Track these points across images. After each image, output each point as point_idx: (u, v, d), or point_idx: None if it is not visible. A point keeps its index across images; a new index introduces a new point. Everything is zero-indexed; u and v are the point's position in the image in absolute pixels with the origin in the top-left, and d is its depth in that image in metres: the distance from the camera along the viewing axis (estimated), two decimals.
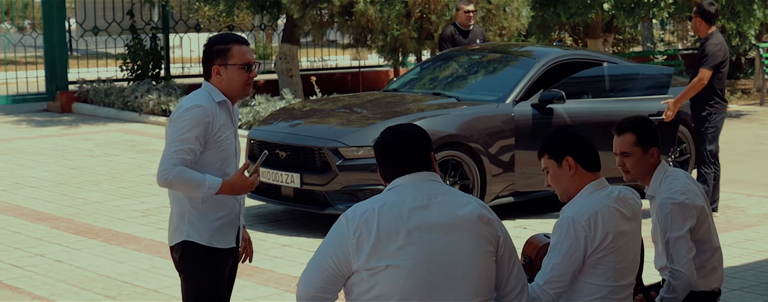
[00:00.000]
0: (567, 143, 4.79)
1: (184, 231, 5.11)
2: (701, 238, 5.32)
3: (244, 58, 5.10)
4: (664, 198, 5.24)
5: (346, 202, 9.47)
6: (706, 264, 5.39)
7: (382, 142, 4.23)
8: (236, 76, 5.08)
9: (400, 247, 3.96)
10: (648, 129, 5.35)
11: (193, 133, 4.96)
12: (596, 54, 12.36)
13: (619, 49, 24.86)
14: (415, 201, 4.05)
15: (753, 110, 19.49)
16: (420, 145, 4.19)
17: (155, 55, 19.41)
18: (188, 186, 4.98)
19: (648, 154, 5.33)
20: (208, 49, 5.14)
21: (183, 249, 5.13)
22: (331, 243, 4.06)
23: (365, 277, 3.98)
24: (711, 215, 5.43)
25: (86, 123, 17.20)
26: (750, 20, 17.73)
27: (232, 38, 5.16)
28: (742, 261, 8.65)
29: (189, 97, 5.11)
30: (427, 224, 4.01)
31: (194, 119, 4.97)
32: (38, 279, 8.18)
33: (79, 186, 11.86)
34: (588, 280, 4.65)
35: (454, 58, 11.88)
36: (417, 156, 4.17)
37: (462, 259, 4.02)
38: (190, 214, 5.10)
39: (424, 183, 4.11)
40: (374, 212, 4.01)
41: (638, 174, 5.37)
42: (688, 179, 5.41)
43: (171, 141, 4.98)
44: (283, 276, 8.28)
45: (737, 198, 11.21)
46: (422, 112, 10.25)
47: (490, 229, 4.11)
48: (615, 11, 17.34)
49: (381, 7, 15.56)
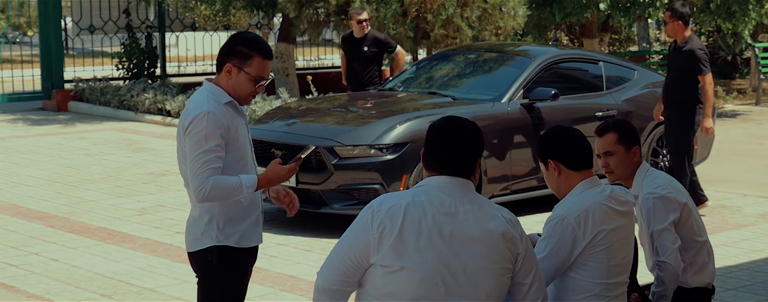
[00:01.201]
0: (548, 145, 4.83)
1: (213, 236, 5.00)
2: (687, 234, 5.35)
3: (261, 72, 4.95)
4: (646, 194, 5.29)
5: (341, 201, 9.48)
6: (696, 260, 5.41)
7: (437, 128, 4.15)
8: (245, 84, 4.95)
9: (418, 250, 3.94)
10: (628, 128, 5.39)
11: (213, 141, 4.84)
12: (592, 53, 12.39)
13: (615, 49, 24.89)
14: (443, 206, 4.01)
15: (749, 110, 19.51)
16: (469, 150, 4.12)
17: (150, 54, 19.41)
18: (228, 194, 4.88)
19: (631, 153, 5.34)
20: (230, 46, 4.98)
21: (214, 253, 5.01)
22: (353, 234, 4.04)
23: (380, 274, 3.97)
24: (695, 210, 5.44)
25: (82, 121, 17.19)
26: (745, 20, 17.75)
27: (261, 47, 4.97)
28: (738, 261, 8.66)
29: (195, 102, 4.95)
30: (450, 232, 3.98)
31: (211, 128, 4.84)
32: (34, 278, 8.17)
33: (75, 184, 11.85)
34: (580, 277, 4.66)
35: (450, 58, 11.88)
36: (461, 159, 4.10)
37: (476, 273, 3.99)
38: (219, 218, 5.00)
39: (456, 190, 4.06)
40: (401, 209, 3.97)
41: (622, 174, 5.39)
42: (670, 177, 5.47)
43: (195, 155, 4.85)
44: (279, 275, 8.28)
45: (733, 198, 11.22)
46: (418, 111, 10.25)
47: (511, 247, 4.06)
48: (611, 11, 17.35)
49: (377, 6, 15.56)
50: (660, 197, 5.25)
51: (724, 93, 20.89)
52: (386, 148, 9.52)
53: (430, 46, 16.11)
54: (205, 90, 5.01)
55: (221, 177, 4.85)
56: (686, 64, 9.90)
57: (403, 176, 9.44)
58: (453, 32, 15.70)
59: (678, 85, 10.04)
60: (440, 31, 15.54)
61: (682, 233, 5.31)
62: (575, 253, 4.65)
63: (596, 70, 11.37)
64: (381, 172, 9.45)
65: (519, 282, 4.14)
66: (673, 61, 10.12)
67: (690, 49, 9.89)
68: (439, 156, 4.11)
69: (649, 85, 11.56)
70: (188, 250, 5.14)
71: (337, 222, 9.35)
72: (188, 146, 4.88)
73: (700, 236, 5.42)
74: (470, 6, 15.79)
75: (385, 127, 9.69)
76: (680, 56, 9.97)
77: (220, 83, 4.99)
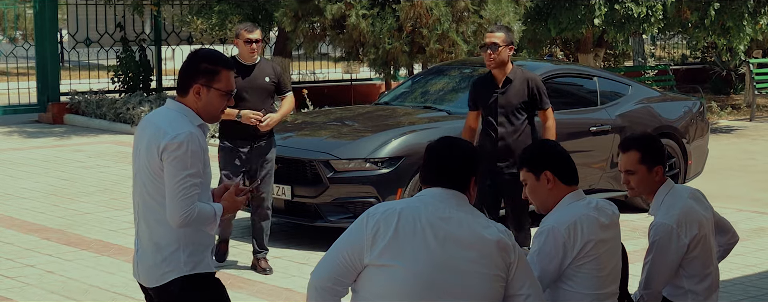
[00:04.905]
0: (545, 157, 4.85)
1: (181, 264, 4.69)
2: (694, 263, 5.26)
3: (230, 85, 4.79)
4: (657, 222, 5.21)
5: (336, 215, 9.50)
6: (697, 289, 5.30)
7: (434, 147, 4.27)
8: (217, 101, 4.76)
9: (413, 250, 4.00)
10: (653, 146, 5.31)
11: (198, 165, 4.63)
12: (587, 68, 12.43)
13: (611, 64, 24.95)
14: (438, 211, 4.09)
15: (743, 125, 19.56)
16: (463, 166, 4.21)
17: (145, 68, 19.44)
18: (205, 222, 4.68)
19: (653, 172, 5.27)
20: (193, 65, 4.78)
21: (187, 283, 4.70)
22: (348, 235, 4.13)
23: (374, 274, 4.03)
24: (710, 238, 5.35)
25: (78, 134, 17.20)
26: (740, 36, 17.81)
27: (222, 60, 4.81)
28: (731, 276, 8.69)
29: (169, 122, 4.68)
30: (445, 235, 4.04)
31: (196, 149, 4.62)
32: (29, 290, 8.19)
33: (71, 197, 11.87)
34: (571, 288, 4.69)
35: (446, 72, 11.92)
36: (455, 174, 4.19)
37: (468, 277, 4.04)
38: (186, 244, 4.72)
39: (451, 199, 4.15)
40: (395, 212, 4.07)
41: (642, 192, 5.34)
42: (691, 198, 5.34)
43: (181, 178, 4.59)
44: (274, 287, 8.30)
45: (727, 213, 11.23)
46: (413, 125, 10.28)
47: (505, 256, 4.12)
48: (605, 26, 17.42)
49: (373, 20, 15.60)
50: (668, 230, 5.16)
51: (719, 108, 20.95)
52: (381, 162, 9.55)
53: (425, 61, 16.14)
54: (175, 111, 4.76)
55: (201, 205, 4.65)
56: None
57: (399, 190, 9.47)
58: (448, 47, 15.74)
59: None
60: (435, 46, 15.57)
61: (688, 261, 5.25)
62: (565, 263, 4.68)
63: (591, 85, 11.41)
64: (376, 186, 9.47)
65: (514, 294, 4.17)
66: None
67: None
68: (435, 170, 4.21)
69: (644, 100, 11.60)
70: (150, 285, 4.80)
71: (332, 236, 9.28)
72: (170, 168, 4.61)
73: (706, 267, 5.31)
74: (465, 21, 15.83)
75: (380, 141, 9.72)
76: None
77: (189, 105, 4.77)
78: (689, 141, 11.67)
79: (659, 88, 16.78)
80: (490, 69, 8.50)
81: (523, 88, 8.45)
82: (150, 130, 4.73)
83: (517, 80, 8.47)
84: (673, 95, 12.72)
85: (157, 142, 4.65)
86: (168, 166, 4.62)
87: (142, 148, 4.75)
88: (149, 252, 4.77)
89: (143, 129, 4.81)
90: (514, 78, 8.48)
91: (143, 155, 4.73)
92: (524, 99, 8.44)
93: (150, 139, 4.69)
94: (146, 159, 4.71)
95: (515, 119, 8.45)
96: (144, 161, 4.73)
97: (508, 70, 8.50)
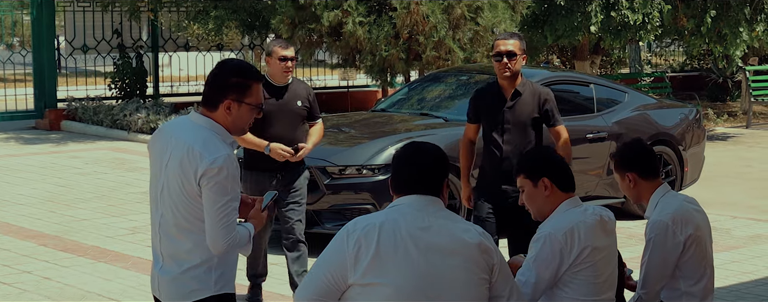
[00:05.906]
0: (543, 164, 4.91)
1: (211, 283, 4.60)
2: (688, 262, 5.29)
3: (260, 98, 4.61)
4: (653, 220, 5.27)
5: (333, 221, 9.52)
6: (693, 290, 5.34)
7: (401, 154, 4.25)
8: (247, 115, 4.59)
9: (397, 266, 3.98)
10: (624, 156, 5.41)
11: (236, 188, 4.50)
12: (583, 75, 12.45)
13: (607, 71, 24.97)
14: (416, 221, 4.07)
15: (739, 133, 19.59)
16: (434, 168, 4.19)
17: (142, 74, 19.44)
18: (241, 245, 4.59)
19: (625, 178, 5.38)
20: (223, 80, 4.55)
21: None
22: (329, 255, 4.10)
23: (359, 293, 4.00)
24: (705, 239, 5.37)
25: (75, 141, 17.21)
26: (736, 43, 17.84)
27: (252, 73, 4.60)
28: (727, 283, 8.70)
29: (204, 145, 4.48)
30: (426, 245, 4.03)
31: (234, 173, 4.48)
32: (26, 296, 8.19)
33: (68, 203, 11.87)
34: (567, 295, 4.72)
35: (442, 79, 11.94)
36: (428, 178, 4.17)
37: (456, 284, 4.05)
38: (218, 264, 4.61)
39: (428, 206, 4.13)
40: (375, 228, 4.03)
41: (635, 197, 5.42)
42: (687, 202, 5.40)
43: (223, 203, 4.45)
44: (271, 294, 8.31)
45: (723, 220, 11.26)
46: (410, 132, 10.30)
47: (487, 258, 4.12)
48: (602, 33, 17.43)
49: (370, 28, 15.63)
50: (663, 229, 5.21)
51: (715, 116, 20.98)
52: (378, 169, 9.56)
53: (421, 68, 16.18)
54: (207, 129, 4.56)
55: (239, 228, 4.57)
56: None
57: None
58: (445, 54, 15.78)
59: None
60: (432, 53, 15.61)
61: (684, 261, 5.27)
62: (562, 269, 4.71)
63: (587, 92, 11.43)
64: (373, 193, 9.49)
65: (497, 295, 4.19)
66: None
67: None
68: (407, 178, 4.18)
69: (640, 107, 11.63)
70: (172, 301, 4.68)
71: (329, 242, 9.35)
72: (210, 194, 4.45)
73: (702, 268, 5.33)
74: (462, 28, 15.88)
75: (377, 148, 9.74)
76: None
77: (219, 120, 4.57)
78: (686, 148, 11.69)
79: (655, 95, 16.80)
80: (502, 79, 7.46)
81: (533, 102, 7.47)
82: (181, 149, 4.54)
83: (527, 93, 7.47)
84: (670, 102, 12.75)
85: (193, 166, 4.48)
86: (208, 192, 4.46)
87: (172, 165, 4.56)
88: (175, 267, 4.63)
89: (166, 142, 4.63)
90: (524, 91, 7.46)
91: (175, 173, 4.54)
92: (535, 115, 7.46)
93: (183, 160, 4.51)
94: (180, 180, 4.52)
95: (523, 137, 7.42)
96: (176, 180, 4.54)
97: (518, 82, 7.48)
